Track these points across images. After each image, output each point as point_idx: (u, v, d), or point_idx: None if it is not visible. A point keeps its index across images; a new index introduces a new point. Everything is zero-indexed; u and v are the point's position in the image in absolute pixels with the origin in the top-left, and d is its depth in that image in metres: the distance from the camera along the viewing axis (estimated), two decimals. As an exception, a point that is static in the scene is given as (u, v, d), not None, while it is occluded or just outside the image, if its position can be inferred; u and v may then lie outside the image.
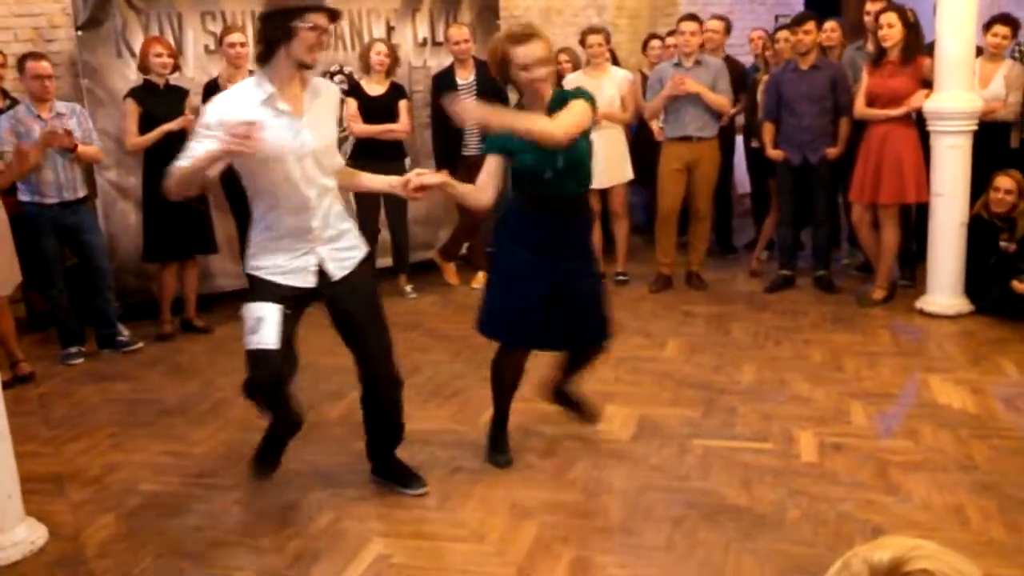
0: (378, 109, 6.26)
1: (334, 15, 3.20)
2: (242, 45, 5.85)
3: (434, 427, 4.22)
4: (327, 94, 3.30)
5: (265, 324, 3.13)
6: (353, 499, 3.57)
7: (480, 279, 6.70)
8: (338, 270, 3.31)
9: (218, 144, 2.92)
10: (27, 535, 3.30)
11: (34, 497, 3.55)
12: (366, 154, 6.22)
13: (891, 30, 5.45)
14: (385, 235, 6.59)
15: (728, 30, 7.08)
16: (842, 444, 3.84)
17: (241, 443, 4.16)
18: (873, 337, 5.24)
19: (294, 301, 3.25)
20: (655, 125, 6.54)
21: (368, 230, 6.39)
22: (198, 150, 3.00)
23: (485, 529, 3.30)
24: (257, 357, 3.14)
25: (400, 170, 5.96)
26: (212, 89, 5.89)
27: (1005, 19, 5.83)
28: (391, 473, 3.66)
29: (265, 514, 3.49)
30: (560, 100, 3.44)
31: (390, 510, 3.47)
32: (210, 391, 4.89)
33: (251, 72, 5.88)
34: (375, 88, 6.28)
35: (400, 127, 6.26)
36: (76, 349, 5.53)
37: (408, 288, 6.62)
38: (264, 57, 3.12)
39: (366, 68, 6.32)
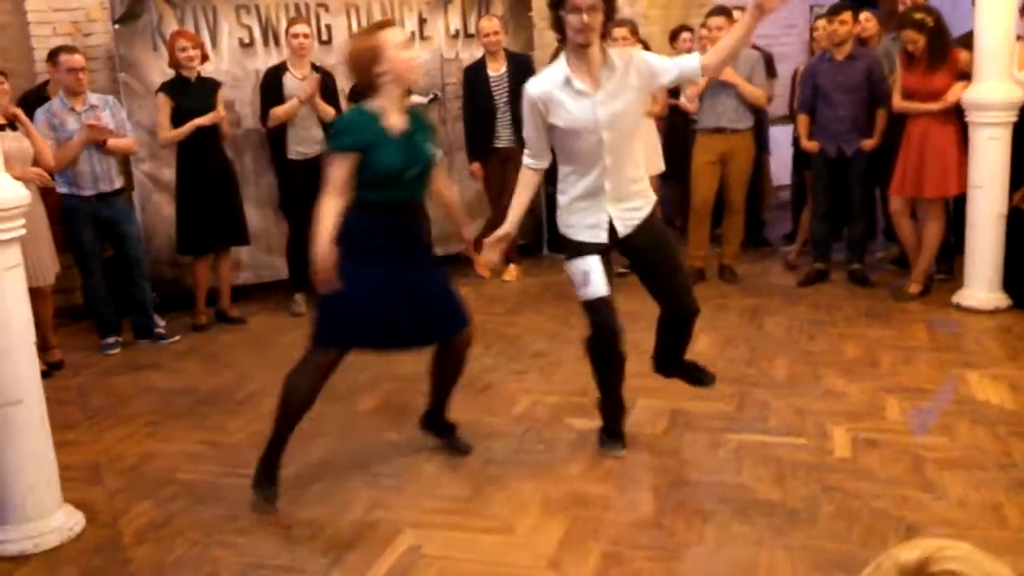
0: None
1: None
2: (305, 36, 5.99)
3: (466, 419, 4.21)
4: (625, 64, 3.47)
5: (592, 275, 3.52)
6: (385, 490, 3.59)
7: (512, 272, 6.70)
8: (625, 228, 3.58)
9: None
10: (65, 521, 3.35)
11: (72, 484, 3.60)
12: None
13: (916, 45, 5.39)
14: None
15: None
16: (877, 440, 3.80)
17: (274, 433, 4.20)
18: (909, 332, 5.18)
19: (600, 250, 3.57)
20: (692, 106, 6.38)
21: None
22: (529, 130, 3.57)
23: (516, 521, 3.30)
24: (593, 305, 3.55)
25: None
26: (275, 73, 6.03)
27: None
28: (681, 373, 3.96)
29: (298, 504, 3.52)
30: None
31: (422, 501, 3.49)
32: (245, 382, 4.93)
33: (313, 64, 6.03)
34: None
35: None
36: (113, 339, 5.61)
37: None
38: (561, 42, 3.60)
39: None
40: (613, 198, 3.54)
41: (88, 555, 3.24)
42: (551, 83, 3.47)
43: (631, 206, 3.59)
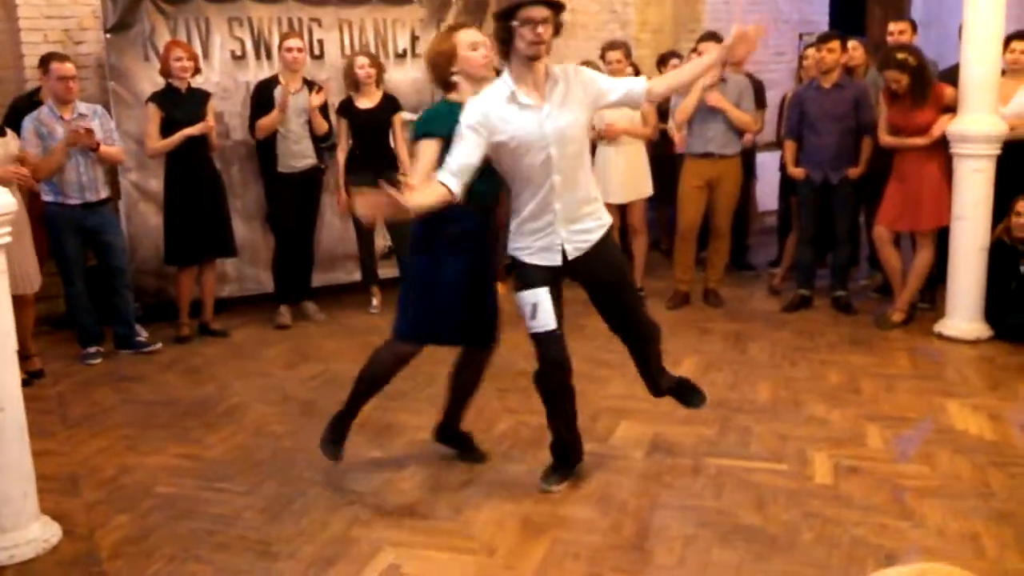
0: (371, 122, 6.19)
1: (551, 4, 3.31)
2: (299, 50, 6.04)
3: (448, 437, 4.21)
4: (568, 79, 3.41)
5: (540, 309, 3.44)
6: (366, 508, 3.58)
7: (499, 289, 6.69)
8: (575, 251, 3.48)
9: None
10: (41, 533, 3.32)
11: (49, 496, 3.57)
12: (357, 163, 6.21)
13: (899, 84, 5.47)
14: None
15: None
16: (857, 467, 3.81)
17: (256, 448, 4.19)
18: (891, 360, 5.21)
19: (551, 277, 3.47)
20: (679, 135, 6.45)
21: (364, 241, 6.44)
22: (460, 149, 3.31)
23: (496, 542, 3.29)
24: (542, 339, 3.48)
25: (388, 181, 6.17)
26: (266, 86, 6.04)
27: (1022, 35, 5.77)
28: (671, 391, 3.89)
29: (278, 520, 3.50)
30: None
31: (402, 519, 3.48)
32: (226, 395, 4.91)
33: (304, 79, 6.06)
34: (365, 102, 6.18)
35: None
36: (95, 349, 5.57)
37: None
38: (503, 56, 3.42)
39: (354, 85, 6.22)
40: (564, 219, 3.44)
41: (64, 568, 3.20)
42: (496, 99, 3.36)
43: (582, 228, 3.49)
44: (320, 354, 5.58)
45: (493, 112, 3.33)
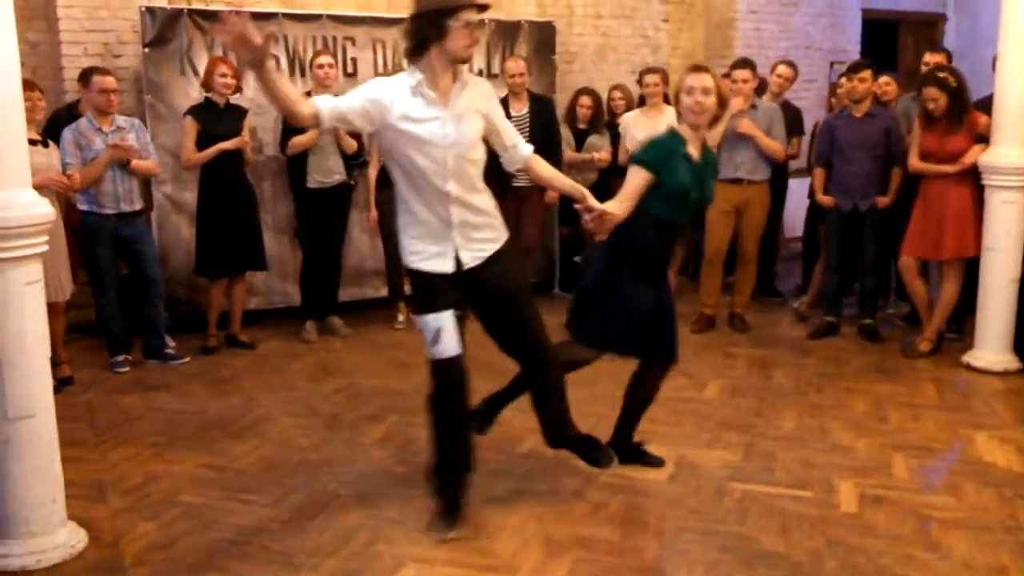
0: None
1: (483, 8, 3.27)
2: (330, 67, 6.12)
3: (471, 455, 4.22)
4: (475, 89, 3.37)
5: (444, 334, 3.33)
6: (389, 522, 3.59)
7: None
8: (471, 260, 3.38)
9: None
10: (68, 539, 3.36)
11: (76, 502, 3.61)
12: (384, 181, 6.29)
13: (936, 104, 5.46)
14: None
15: (796, 75, 7.06)
16: (883, 496, 3.78)
17: (281, 460, 4.21)
18: (917, 389, 5.17)
19: (453, 299, 3.35)
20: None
21: (392, 257, 6.48)
22: (349, 101, 3.22)
23: (518, 561, 3.29)
24: (443, 365, 3.38)
25: None
26: None
27: None
28: (573, 446, 3.81)
29: (301, 532, 3.51)
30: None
31: (424, 535, 3.48)
32: (252, 407, 4.94)
33: (335, 95, 6.21)
34: None
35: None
36: (123, 358, 5.63)
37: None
38: (415, 53, 3.25)
39: None
40: (459, 225, 3.33)
41: (89, 574, 3.23)
42: (400, 90, 3.23)
43: (478, 237, 3.39)
44: (345, 368, 5.62)
45: (397, 101, 3.20)
